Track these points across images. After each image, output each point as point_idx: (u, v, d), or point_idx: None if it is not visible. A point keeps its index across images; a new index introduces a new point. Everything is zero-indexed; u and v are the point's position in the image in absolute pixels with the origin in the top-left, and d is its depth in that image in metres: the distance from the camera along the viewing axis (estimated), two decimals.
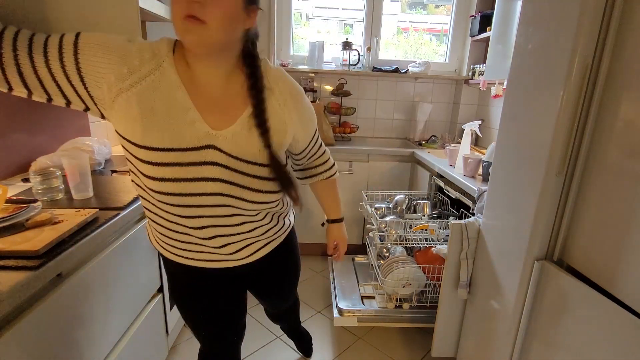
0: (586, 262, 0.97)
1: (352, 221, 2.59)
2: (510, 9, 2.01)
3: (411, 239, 1.80)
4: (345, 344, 1.84)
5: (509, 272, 1.19)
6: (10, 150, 1.41)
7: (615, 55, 0.90)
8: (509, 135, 1.22)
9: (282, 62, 2.77)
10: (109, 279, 1.08)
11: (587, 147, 0.97)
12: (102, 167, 1.60)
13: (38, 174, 1.12)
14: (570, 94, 0.95)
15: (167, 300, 1.52)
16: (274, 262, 1.06)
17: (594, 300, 0.90)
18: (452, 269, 1.46)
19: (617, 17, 0.89)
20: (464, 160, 1.83)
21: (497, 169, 1.28)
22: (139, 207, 1.19)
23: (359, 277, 2.14)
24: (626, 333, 0.82)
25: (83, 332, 0.96)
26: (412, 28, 3.03)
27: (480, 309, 1.38)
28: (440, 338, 1.58)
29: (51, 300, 0.83)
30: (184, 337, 1.82)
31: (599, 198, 0.93)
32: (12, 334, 0.72)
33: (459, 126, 2.82)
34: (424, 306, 1.81)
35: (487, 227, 1.34)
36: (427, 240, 1.80)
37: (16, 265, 0.76)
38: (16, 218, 0.89)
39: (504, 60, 2.03)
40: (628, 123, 0.86)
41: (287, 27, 2.81)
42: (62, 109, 1.68)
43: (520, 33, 1.15)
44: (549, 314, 1.05)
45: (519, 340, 1.15)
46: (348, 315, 1.80)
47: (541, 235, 1.07)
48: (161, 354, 1.53)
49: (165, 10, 1.61)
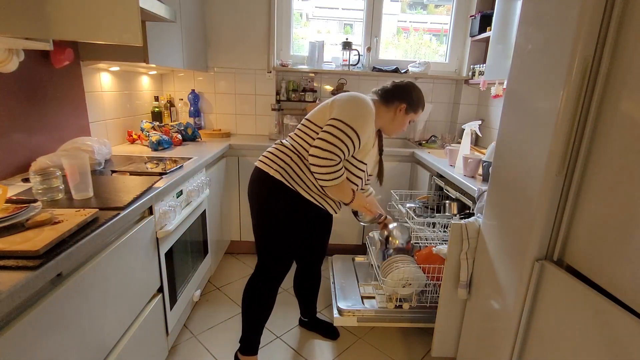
0: (586, 262, 0.97)
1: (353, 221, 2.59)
2: (510, 9, 2.01)
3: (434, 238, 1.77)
4: (345, 344, 1.84)
5: (509, 272, 1.19)
6: (10, 150, 1.41)
7: (615, 55, 0.90)
8: (509, 135, 1.22)
9: (282, 62, 2.77)
10: (109, 279, 1.08)
11: (587, 147, 0.97)
12: (102, 167, 1.60)
13: (38, 174, 1.12)
14: (570, 94, 0.95)
15: (167, 300, 1.52)
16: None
17: (594, 300, 0.90)
18: (452, 269, 1.46)
19: (617, 17, 0.89)
20: (464, 160, 1.83)
21: (497, 169, 1.28)
22: (139, 207, 1.19)
23: (359, 277, 2.14)
24: (626, 333, 0.82)
25: (83, 332, 0.96)
26: (412, 28, 3.03)
27: (480, 309, 1.38)
28: (440, 338, 1.58)
29: (51, 300, 0.83)
30: (184, 337, 1.82)
31: (599, 198, 0.93)
32: (12, 334, 0.72)
33: (459, 126, 2.82)
34: (424, 306, 1.81)
35: (487, 227, 1.34)
36: (428, 240, 1.80)
37: (16, 265, 0.76)
38: (16, 218, 0.89)
39: (504, 60, 2.03)
40: (628, 123, 0.86)
41: (287, 27, 2.81)
42: (62, 109, 1.68)
43: (520, 33, 1.15)
44: (549, 314, 1.05)
45: (519, 340, 1.15)
46: (348, 315, 1.80)
47: (541, 235, 1.07)
48: (161, 354, 1.53)
49: (165, 10, 1.61)
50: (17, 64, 1.28)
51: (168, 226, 1.45)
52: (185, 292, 1.76)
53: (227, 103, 2.86)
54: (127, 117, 2.30)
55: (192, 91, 2.76)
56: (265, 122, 2.89)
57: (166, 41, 1.96)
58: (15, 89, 1.42)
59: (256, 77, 2.80)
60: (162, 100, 2.67)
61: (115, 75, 2.13)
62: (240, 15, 2.66)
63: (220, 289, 2.27)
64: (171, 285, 1.56)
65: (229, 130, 2.82)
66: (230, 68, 2.78)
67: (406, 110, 1.51)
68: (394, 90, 1.52)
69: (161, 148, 2.10)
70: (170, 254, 1.53)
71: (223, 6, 2.64)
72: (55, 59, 1.56)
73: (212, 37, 2.69)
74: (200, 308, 2.06)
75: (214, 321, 1.96)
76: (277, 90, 2.84)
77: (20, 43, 1.17)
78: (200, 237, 1.95)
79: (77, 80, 1.79)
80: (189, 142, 2.43)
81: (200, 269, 1.97)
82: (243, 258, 2.68)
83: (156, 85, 2.71)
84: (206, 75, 2.79)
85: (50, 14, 1.11)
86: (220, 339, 1.83)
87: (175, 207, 1.53)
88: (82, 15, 1.13)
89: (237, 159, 2.47)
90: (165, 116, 2.66)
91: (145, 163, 1.73)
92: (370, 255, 2.07)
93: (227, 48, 2.73)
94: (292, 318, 2.02)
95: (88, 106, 1.88)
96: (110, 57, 1.78)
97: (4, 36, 1.08)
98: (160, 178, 1.47)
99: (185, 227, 1.70)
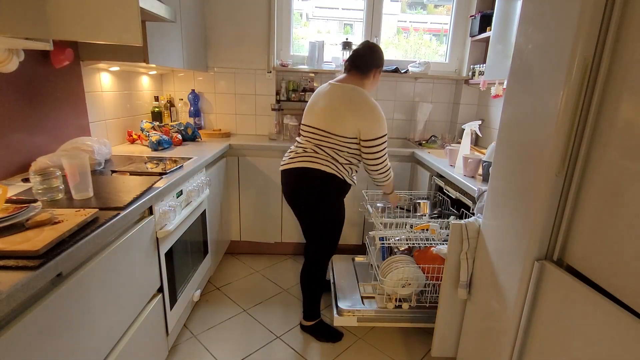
0: (586, 262, 0.97)
1: (352, 221, 2.60)
2: (510, 9, 2.01)
3: (412, 238, 1.80)
4: (345, 344, 1.84)
5: (509, 272, 1.19)
6: (10, 150, 1.41)
7: (615, 55, 0.90)
8: (509, 135, 1.22)
9: (282, 62, 2.78)
10: (109, 279, 1.08)
11: (587, 147, 0.97)
12: (102, 167, 1.60)
13: (38, 174, 1.12)
14: (570, 94, 0.95)
15: (167, 300, 1.52)
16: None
17: (594, 300, 0.90)
18: (452, 269, 1.46)
19: (617, 17, 0.89)
20: (464, 160, 1.83)
21: (497, 169, 1.28)
22: (139, 207, 1.19)
23: (359, 277, 2.14)
24: (626, 333, 0.82)
25: (83, 332, 0.96)
26: (412, 28, 3.03)
27: (480, 309, 1.38)
28: (440, 338, 1.58)
29: (51, 300, 0.83)
30: (184, 337, 1.82)
31: (599, 198, 0.93)
32: (12, 334, 0.72)
33: (459, 126, 2.82)
34: (424, 306, 1.81)
35: (487, 227, 1.34)
36: (428, 240, 1.80)
37: (16, 265, 0.76)
38: (16, 218, 0.89)
39: (504, 60, 2.03)
40: (628, 123, 0.86)
41: (287, 27, 2.81)
42: (62, 109, 1.68)
43: (520, 33, 1.15)
44: (549, 314, 1.05)
45: (519, 340, 1.15)
46: (348, 315, 1.80)
47: (541, 235, 1.07)
48: (161, 354, 1.53)
49: (165, 10, 1.61)
50: (17, 64, 1.28)
51: (168, 226, 1.45)
52: (185, 292, 1.76)
53: (227, 103, 2.86)
54: (127, 117, 2.30)
55: (192, 91, 2.76)
56: (265, 122, 2.89)
57: (166, 41, 1.96)
58: (15, 89, 1.42)
59: (256, 77, 2.80)
60: (162, 100, 2.67)
61: (115, 75, 2.13)
62: (240, 15, 2.66)
63: (220, 289, 2.27)
64: (171, 285, 1.56)
65: (229, 130, 2.82)
66: (230, 68, 2.78)
67: (380, 71, 1.76)
68: (365, 59, 1.70)
69: (161, 148, 2.10)
70: (170, 254, 1.53)
71: (223, 6, 2.64)
72: (55, 59, 1.56)
73: (212, 37, 2.69)
74: (200, 308, 2.06)
75: (214, 321, 1.96)
76: (277, 90, 2.84)
77: (20, 43, 1.17)
78: (200, 237, 1.95)
79: (77, 80, 1.79)
80: (189, 142, 2.43)
81: (200, 269, 1.97)
82: (243, 258, 2.68)
83: (156, 85, 2.71)
84: (206, 75, 2.79)
85: (50, 14, 1.11)
86: (220, 339, 1.83)
87: (175, 207, 1.53)
88: (82, 15, 1.13)
89: (237, 159, 2.47)
90: (165, 116, 2.66)
91: (145, 163, 1.73)
92: (370, 255, 2.07)
93: (227, 48, 2.73)
94: (292, 318, 2.02)
95: (88, 106, 1.88)
96: (110, 57, 1.78)
97: (4, 36, 1.08)
98: (160, 178, 1.47)
99: (185, 227, 1.70)
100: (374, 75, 1.73)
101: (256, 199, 2.54)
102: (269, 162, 2.47)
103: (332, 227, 1.76)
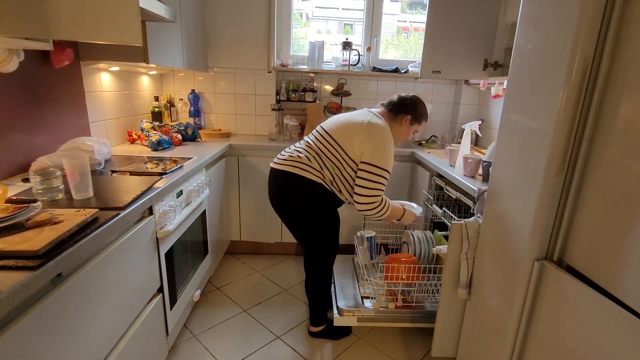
0: (586, 262, 0.97)
1: (352, 221, 2.59)
2: None
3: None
4: (345, 344, 1.84)
5: (509, 272, 1.19)
6: (10, 150, 1.41)
7: (615, 56, 0.90)
8: (509, 135, 1.22)
9: (282, 62, 2.77)
10: (109, 279, 1.08)
11: (587, 147, 0.97)
12: (102, 167, 1.60)
13: (38, 174, 1.12)
14: (570, 94, 0.95)
15: (167, 300, 1.52)
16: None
17: (594, 300, 0.90)
18: (452, 269, 1.46)
19: (617, 17, 0.88)
20: (464, 160, 1.83)
21: (497, 169, 1.28)
22: (139, 207, 1.19)
23: (359, 277, 2.14)
24: (626, 333, 0.82)
25: (83, 332, 0.96)
26: (412, 28, 3.03)
27: (480, 309, 1.38)
28: (440, 338, 1.58)
29: (51, 300, 0.83)
30: (184, 337, 1.82)
31: (599, 198, 0.93)
32: (12, 334, 0.72)
33: (459, 126, 2.82)
34: (424, 306, 1.81)
35: (487, 227, 1.34)
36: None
37: (16, 265, 0.76)
38: (16, 218, 0.89)
39: None
40: (628, 123, 0.86)
41: (287, 27, 2.81)
42: (62, 109, 1.68)
43: (520, 33, 1.15)
44: (549, 314, 1.05)
45: (519, 341, 1.15)
46: (348, 315, 1.80)
47: (541, 235, 1.07)
48: (161, 354, 1.53)
49: (165, 10, 1.61)
50: (17, 64, 1.28)
51: (168, 226, 1.45)
52: (185, 292, 1.76)
53: (227, 103, 2.86)
54: (127, 117, 2.30)
55: (192, 91, 2.76)
56: (265, 122, 2.89)
57: (166, 41, 1.95)
58: (15, 89, 1.42)
59: (256, 77, 2.80)
60: (162, 100, 2.67)
61: (115, 75, 2.13)
62: (240, 15, 2.66)
63: (220, 289, 2.27)
64: (171, 285, 1.56)
65: (229, 130, 2.82)
66: (230, 68, 2.78)
67: (411, 121, 1.72)
68: (401, 104, 1.71)
69: (161, 148, 2.10)
70: (170, 254, 1.53)
71: (223, 6, 2.64)
72: (55, 59, 1.56)
73: (212, 37, 2.69)
74: (200, 308, 2.06)
75: (214, 321, 1.96)
76: (277, 90, 2.84)
77: (20, 43, 1.17)
78: (200, 237, 1.95)
79: (77, 80, 1.79)
80: (189, 142, 2.43)
81: (200, 269, 1.97)
82: (243, 258, 2.68)
83: (156, 85, 2.71)
84: (206, 75, 2.79)
85: (50, 14, 1.11)
86: (220, 339, 1.83)
87: (175, 207, 1.53)
88: (82, 16, 1.13)
89: (237, 159, 2.47)
90: (165, 116, 2.66)
91: (145, 163, 1.73)
92: (357, 254, 2.08)
93: (227, 48, 2.73)
94: (292, 318, 2.02)
95: (88, 106, 1.88)
96: (110, 57, 1.78)
97: (4, 36, 1.08)
98: (160, 178, 1.47)
99: (185, 227, 1.70)
100: (403, 122, 1.70)
101: (256, 199, 2.54)
102: (269, 162, 2.46)
103: (321, 235, 1.73)
